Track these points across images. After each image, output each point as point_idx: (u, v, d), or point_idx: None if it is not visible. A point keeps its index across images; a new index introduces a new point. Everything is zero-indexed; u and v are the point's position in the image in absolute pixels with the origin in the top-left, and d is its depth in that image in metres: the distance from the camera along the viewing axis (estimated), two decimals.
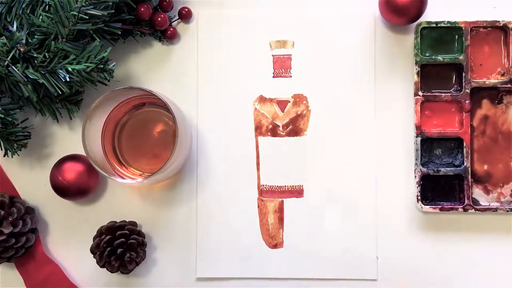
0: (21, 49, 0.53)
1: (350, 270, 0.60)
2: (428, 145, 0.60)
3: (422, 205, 0.58)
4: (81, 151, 0.54)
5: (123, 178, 0.56)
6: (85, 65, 0.53)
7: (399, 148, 0.60)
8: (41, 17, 0.54)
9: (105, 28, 0.55)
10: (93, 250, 0.58)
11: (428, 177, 0.59)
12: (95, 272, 0.60)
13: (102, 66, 0.54)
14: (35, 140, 0.61)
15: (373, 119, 0.60)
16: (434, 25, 0.59)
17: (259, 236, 0.60)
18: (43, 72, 0.54)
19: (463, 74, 0.59)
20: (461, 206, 0.59)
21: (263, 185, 0.61)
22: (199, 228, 0.61)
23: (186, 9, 0.61)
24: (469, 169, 0.59)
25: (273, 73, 0.61)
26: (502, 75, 0.60)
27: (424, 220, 0.60)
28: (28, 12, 0.55)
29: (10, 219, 0.57)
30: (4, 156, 0.59)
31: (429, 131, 0.59)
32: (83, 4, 0.52)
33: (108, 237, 0.57)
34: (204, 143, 0.61)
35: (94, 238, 0.58)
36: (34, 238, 0.60)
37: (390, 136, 0.60)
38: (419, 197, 0.58)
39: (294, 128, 0.60)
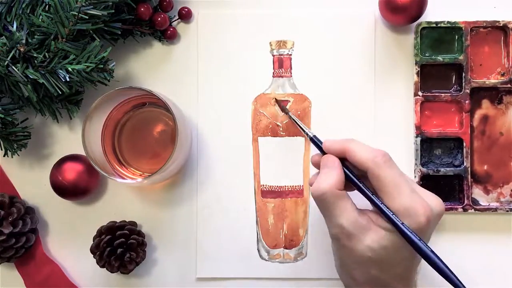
0: (21, 49, 0.53)
1: None
2: (428, 145, 0.60)
3: None
4: (81, 151, 0.54)
5: (123, 178, 0.56)
6: (85, 65, 0.53)
7: (399, 148, 0.60)
8: (41, 17, 0.54)
9: (105, 28, 0.55)
10: (93, 250, 0.58)
11: (428, 177, 0.59)
12: (95, 272, 0.60)
13: (102, 66, 0.54)
14: (35, 140, 0.61)
15: (373, 119, 0.60)
16: (434, 25, 0.59)
17: (259, 236, 0.60)
18: (43, 72, 0.54)
19: (463, 74, 0.59)
20: (461, 206, 0.59)
21: (263, 185, 0.60)
22: (199, 228, 0.61)
23: (186, 9, 0.61)
24: (469, 169, 0.59)
25: (273, 73, 0.61)
26: (502, 75, 0.60)
27: None
28: (28, 12, 0.55)
29: (10, 219, 0.57)
30: (4, 156, 0.59)
31: (429, 131, 0.59)
32: (83, 4, 0.52)
33: (108, 237, 0.57)
34: (204, 143, 0.61)
35: (94, 238, 0.58)
36: (34, 238, 0.60)
37: (390, 136, 0.60)
38: None
39: (294, 128, 0.60)
